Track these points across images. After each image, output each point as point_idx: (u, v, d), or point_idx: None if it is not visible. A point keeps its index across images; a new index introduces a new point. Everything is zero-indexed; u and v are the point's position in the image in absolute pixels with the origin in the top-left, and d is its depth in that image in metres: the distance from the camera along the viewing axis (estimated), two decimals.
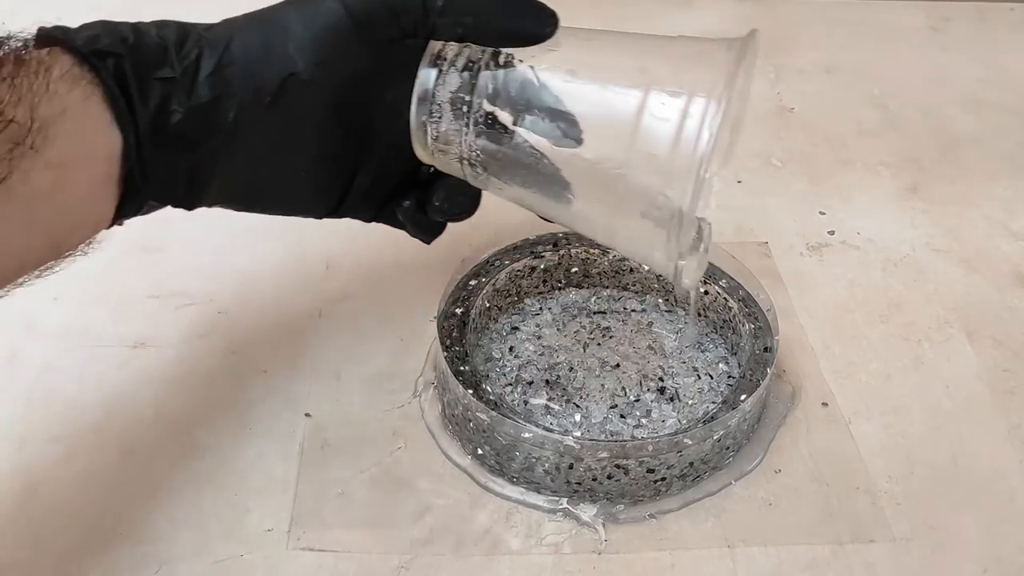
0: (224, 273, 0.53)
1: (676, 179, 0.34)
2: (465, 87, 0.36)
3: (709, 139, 0.33)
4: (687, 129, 0.33)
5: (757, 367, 0.43)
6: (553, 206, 0.38)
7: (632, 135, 0.34)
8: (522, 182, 0.37)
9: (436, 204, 0.39)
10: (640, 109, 0.34)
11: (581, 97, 0.36)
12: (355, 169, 0.37)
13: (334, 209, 0.39)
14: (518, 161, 0.37)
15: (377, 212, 0.40)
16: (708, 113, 0.33)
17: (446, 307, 0.46)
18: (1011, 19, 0.85)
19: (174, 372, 0.46)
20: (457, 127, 0.36)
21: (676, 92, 0.34)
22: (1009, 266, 0.55)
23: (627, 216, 0.36)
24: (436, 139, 0.37)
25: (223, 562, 0.38)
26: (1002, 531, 0.40)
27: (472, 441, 0.42)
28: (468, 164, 0.37)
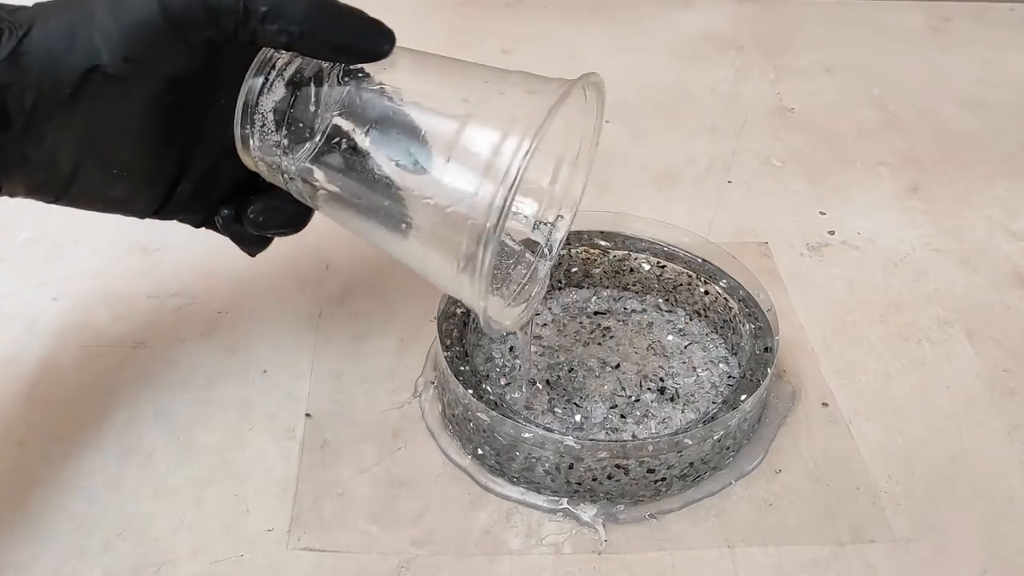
0: (224, 273, 0.53)
1: (481, 211, 0.33)
2: (289, 99, 0.35)
3: (516, 173, 0.32)
4: (496, 164, 0.32)
5: (757, 367, 0.43)
6: (382, 234, 0.37)
7: (444, 166, 0.34)
8: (343, 202, 0.36)
9: (251, 216, 0.38)
10: (454, 141, 0.33)
11: (402, 122, 0.35)
12: (179, 172, 0.36)
13: (155, 212, 0.37)
14: (338, 180, 0.35)
15: (206, 218, 0.39)
16: (520, 149, 0.32)
17: (446, 307, 0.46)
18: (1011, 19, 0.85)
19: (174, 372, 0.46)
20: (278, 139, 0.35)
21: (493, 126, 0.33)
22: (1009, 266, 0.55)
23: (441, 250, 0.35)
24: (258, 149, 0.35)
25: (223, 562, 0.38)
26: (1002, 531, 0.40)
27: (472, 441, 0.42)
28: (290, 179, 0.36)
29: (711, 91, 0.73)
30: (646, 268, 0.50)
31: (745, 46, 0.79)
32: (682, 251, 0.50)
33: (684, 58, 0.77)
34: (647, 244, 0.50)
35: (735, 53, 0.78)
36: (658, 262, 0.50)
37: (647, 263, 0.50)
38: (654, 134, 0.67)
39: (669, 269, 0.50)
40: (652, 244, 0.51)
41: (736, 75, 0.75)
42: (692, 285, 0.49)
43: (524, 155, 0.32)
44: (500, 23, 0.81)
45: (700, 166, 0.64)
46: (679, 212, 0.59)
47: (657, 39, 0.79)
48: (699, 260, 0.49)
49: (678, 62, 0.76)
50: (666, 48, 0.78)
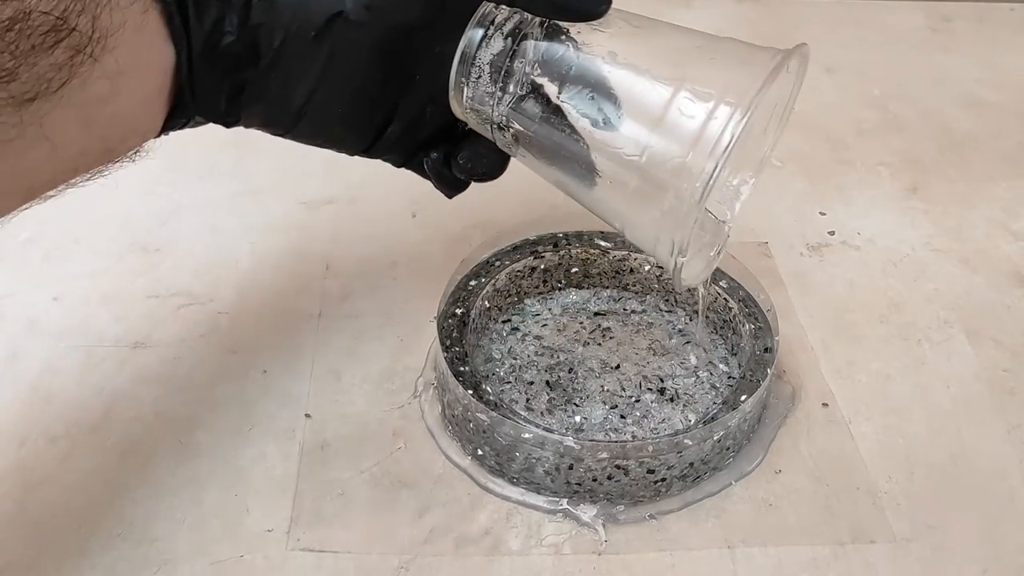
0: (224, 273, 0.53)
1: (690, 177, 0.34)
2: (507, 52, 0.36)
3: (728, 143, 0.33)
4: (709, 130, 0.33)
5: (757, 367, 0.43)
6: (574, 184, 0.38)
7: (656, 127, 0.35)
8: (548, 156, 0.38)
9: (460, 161, 0.40)
10: (668, 103, 0.34)
11: (616, 82, 0.36)
12: (392, 114, 0.38)
13: (365, 149, 0.39)
14: (547, 134, 0.37)
15: (408, 159, 0.41)
16: (732, 118, 0.33)
17: (446, 307, 0.46)
18: (1011, 19, 0.85)
19: (174, 372, 0.46)
20: (492, 91, 0.36)
21: (707, 92, 0.34)
22: (1009, 266, 0.55)
23: (640, 205, 0.36)
24: (471, 99, 0.37)
25: (223, 562, 0.38)
26: (1002, 531, 0.40)
27: (472, 442, 0.42)
28: (498, 128, 0.37)
29: None
30: (646, 268, 0.50)
31: None
32: None
33: None
34: None
35: None
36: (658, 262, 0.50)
37: (647, 263, 0.50)
38: None
39: None
40: None
41: None
42: None
43: (737, 126, 0.33)
44: None
45: None
46: None
47: None
48: None
49: None
50: None
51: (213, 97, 0.34)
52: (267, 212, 0.58)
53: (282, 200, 0.59)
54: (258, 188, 0.60)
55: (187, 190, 0.60)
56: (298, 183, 0.60)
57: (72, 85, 0.29)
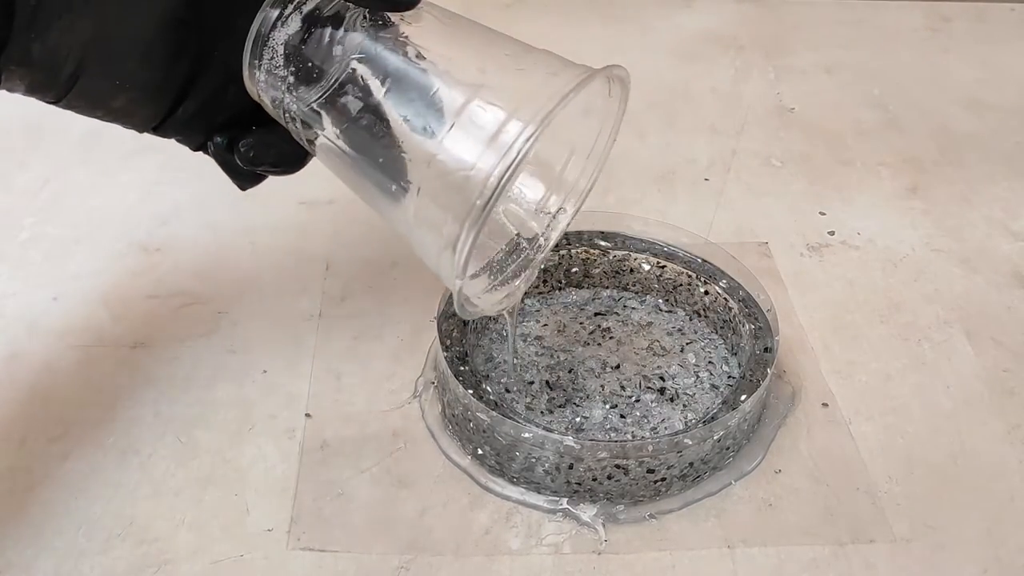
0: (224, 273, 0.53)
1: (469, 195, 0.31)
2: (302, 35, 0.33)
3: (512, 159, 0.30)
4: (495, 145, 0.31)
5: (757, 367, 0.43)
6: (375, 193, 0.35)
7: (443, 137, 0.32)
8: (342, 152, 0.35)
9: (242, 149, 0.36)
10: (459, 113, 0.32)
11: (413, 82, 0.33)
12: (184, 92, 0.35)
13: (155, 128, 0.36)
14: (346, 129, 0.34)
15: (204, 142, 0.37)
16: (522, 135, 0.30)
17: (446, 307, 0.46)
18: (1011, 19, 0.85)
19: (174, 372, 0.46)
20: (283, 76, 0.34)
21: (500, 107, 0.32)
22: (1009, 266, 0.55)
23: (426, 221, 0.34)
24: (264, 83, 0.34)
25: (223, 562, 0.38)
26: (1002, 531, 0.40)
27: (472, 441, 0.42)
28: (290, 116, 0.35)
29: (711, 91, 0.73)
30: (646, 268, 0.50)
31: (745, 46, 0.79)
32: (682, 251, 0.50)
33: (684, 58, 0.77)
34: (647, 244, 0.50)
35: (735, 53, 0.78)
36: (658, 262, 0.50)
37: (647, 263, 0.50)
38: (654, 134, 0.67)
39: (669, 269, 0.50)
40: (652, 244, 0.51)
41: (736, 75, 0.75)
42: (692, 285, 0.49)
43: (528, 137, 0.30)
44: (500, 23, 0.80)
45: (700, 166, 0.64)
46: (679, 212, 0.59)
47: (657, 39, 0.79)
48: (699, 260, 0.50)
49: (678, 62, 0.76)
50: (666, 48, 0.78)
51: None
52: (267, 212, 0.58)
53: (282, 200, 0.59)
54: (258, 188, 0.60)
55: (187, 190, 0.60)
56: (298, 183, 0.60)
57: None
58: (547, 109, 0.31)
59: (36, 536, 0.39)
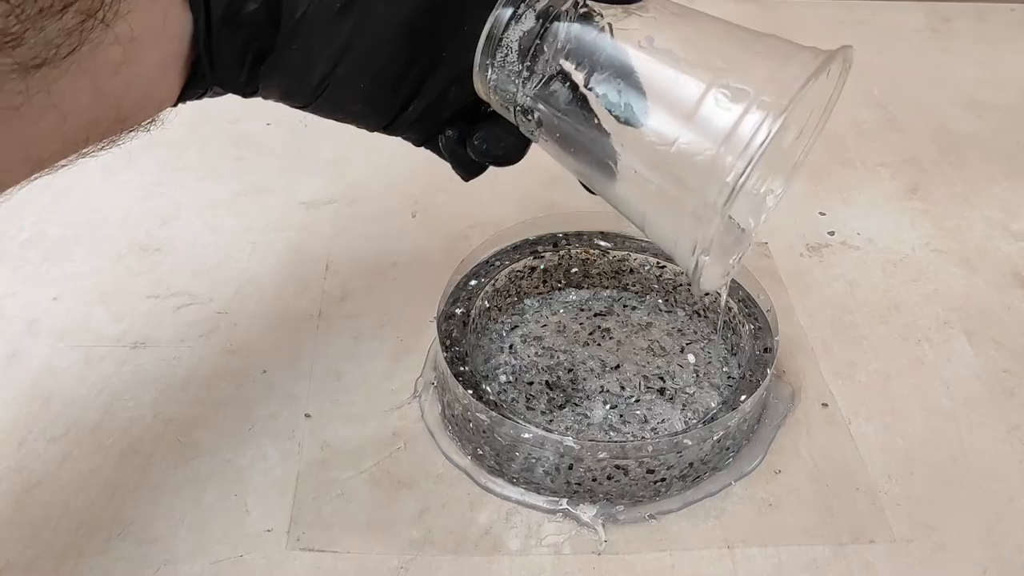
0: (224, 273, 0.53)
1: (718, 177, 0.33)
2: (536, 33, 0.35)
3: (760, 144, 0.32)
4: (740, 130, 0.32)
5: (757, 368, 0.43)
6: (595, 176, 0.37)
7: (686, 123, 0.33)
8: (570, 144, 0.36)
9: (476, 143, 0.38)
10: (701, 99, 0.33)
11: (650, 71, 0.34)
12: (414, 93, 0.37)
13: (386, 126, 0.38)
14: (570, 122, 0.36)
15: (427, 138, 0.40)
16: (766, 120, 0.32)
17: (446, 307, 0.46)
18: (1011, 19, 0.85)
19: (174, 372, 0.46)
20: (518, 72, 0.35)
21: (742, 90, 0.33)
22: (1009, 266, 0.55)
23: (662, 203, 0.35)
24: (496, 80, 0.36)
25: (222, 562, 0.38)
26: (1002, 531, 0.40)
27: (472, 441, 0.42)
28: (521, 111, 0.36)
29: None
30: (646, 268, 0.50)
31: None
32: None
33: None
34: (647, 244, 0.50)
35: None
36: (658, 262, 0.50)
37: (647, 263, 0.50)
38: None
39: (669, 269, 0.50)
40: (652, 244, 0.50)
41: None
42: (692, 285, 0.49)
43: (771, 128, 0.31)
44: None
45: None
46: None
47: None
48: None
49: None
50: None
51: (232, 66, 0.33)
52: (267, 212, 0.58)
53: (282, 200, 0.59)
54: (258, 188, 0.60)
55: (187, 190, 0.60)
56: (298, 183, 0.61)
57: (82, 51, 0.27)
58: (790, 93, 0.32)
59: (36, 536, 0.39)
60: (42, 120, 0.28)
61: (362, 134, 0.39)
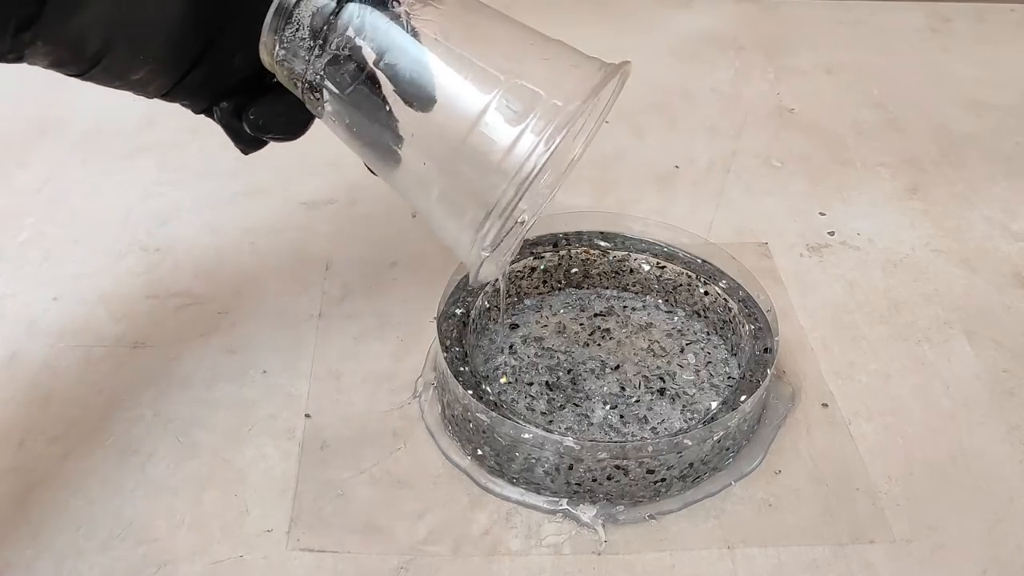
0: (224, 273, 0.53)
1: (500, 180, 0.33)
2: (331, 11, 0.34)
3: (543, 153, 0.32)
4: (525, 138, 0.33)
5: (757, 368, 0.43)
6: (379, 160, 0.37)
7: (475, 119, 0.34)
8: (355, 125, 0.36)
9: (251, 117, 0.37)
10: (492, 99, 0.33)
11: (443, 63, 0.34)
12: (197, 58, 0.36)
13: (165, 94, 0.37)
14: (358, 103, 0.35)
15: (207, 107, 0.38)
16: (551, 128, 0.32)
17: (446, 307, 0.46)
18: (1011, 19, 0.85)
19: (174, 372, 0.46)
20: (308, 47, 0.34)
21: (532, 94, 0.33)
22: (1009, 266, 0.55)
23: (445, 196, 0.35)
24: (284, 53, 0.35)
25: (222, 562, 0.38)
26: (1002, 531, 0.40)
27: (472, 442, 0.42)
28: (308, 88, 0.36)
29: (711, 91, 0.73)
30: (646, 269, 0.50)
31: (745, 46, 0.79)
32: (682, 252, 0.50)
33: (684, 58, 0.77)
34: (647, 245, 0.50)
35: (735, 53, 0.78)
36: (658, 263, 0.50)
37: (647, 264, 0.50)
38: (654, 134, 0.67)
39: (669, 270, 0.50)
40: (652, 245, 0.51)
41: (736, 75, 0.75)
42: (692, 286, 0.49)
43: (564, 126, 0.32)
44: None
45: (700, 166, 0.64)
46: (679, 212, 0.59)
47: (657, 39, 0.79)
48: (699, 261, 0.50)
49: (678, 62, 0.76)
50: (666, 48, 0.78)
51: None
52: (267, 212, 0.58)
53: (282, 200, 0.59)
54: (258, 188, 0.60)
55: (187, 190, 0.60)
56: (298, 183, 0.61)
57: None
58: (576, 102, 0.33)
59: (36, 536, 0.39)
60: None
61: None
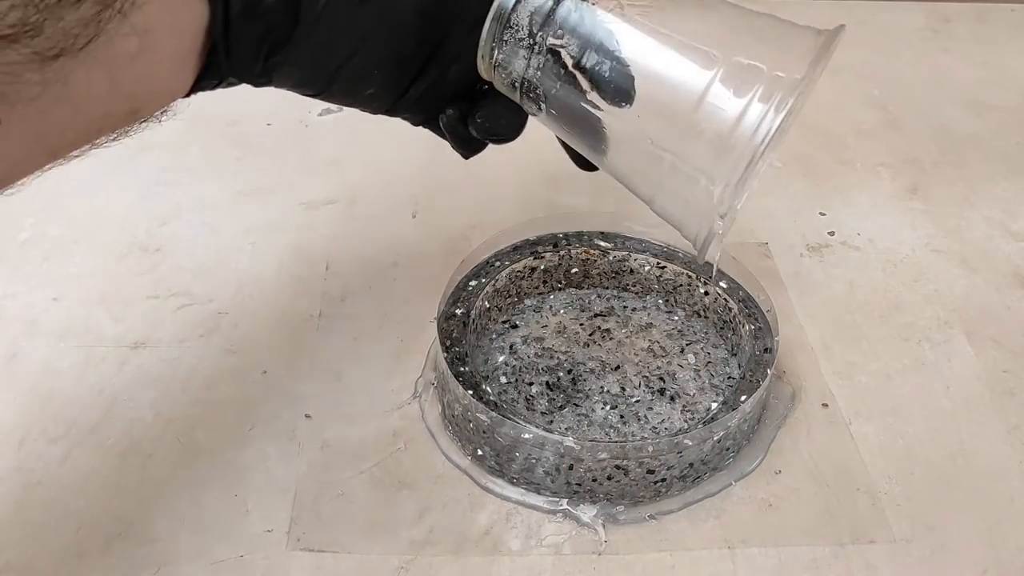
0: (224, 273, 0.53)
1: (730, 157, 0.34)
2: (544, 13, 0.35)
3: (774, 119, 0.33)
4: (751, 114, 0.34)
5: (757, 368, 0.43)
6: (593, 153, 0.38)
7: (701, 95, 0.34)
8: (567, 122, 0.37)
9: (478, 120, 0.39)
10: (711, 82, 0.34)
11: (654, 54, 0.35)
12: (418, 74, 0.38)
13: (388, 109, 0.39)
14: (568, 100, 0.36)
15: (427, 118, 0.41)
16: (779, 96, 0.33)
17: (446, 308, 0.46)
18: (1011, 20, 0.85)
19: (174, 372, 0.46)
20: (525, 50, 0.36)
21: (755, 68, 0.34)
22: (1009, 266, 0.55)
23: (675, 170, 0.36)
24: (501, 59, 0.36)
25: (223, 563, 0.38)
26: (1002, 531, 0.40)
27: (472, 442, 0.42)
28: (523, 90, 0.37)
29: None
30: (646, 269, 0.50)
31: None
32: (682, 252, 0.50)
33: None
34: (647, 245, 0.50)
35: None
36: (658, 263, 0.50)
37: (647, 264, 0.50)
38: None
39: (669, 270, 0.50)
40: (652, 245, 0.51)
41: None
42: (692, 286, 0.49)
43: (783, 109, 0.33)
44: None
45: None
46: None
47: None
48: None
49: None
50: None
51: (248, 58, 0.33)
52: (267, 212, 0.58)
53: (282, 200, 0.59)
54: (258, 188, 0.60)
55: (187, 190, 0.60)
56: (298, 183, 0.60)
57: (99, 42, 0.27)
58: (800, 74, 0.34)
59: (36, 536, 0.39)
60: (58, 111, 0.28)
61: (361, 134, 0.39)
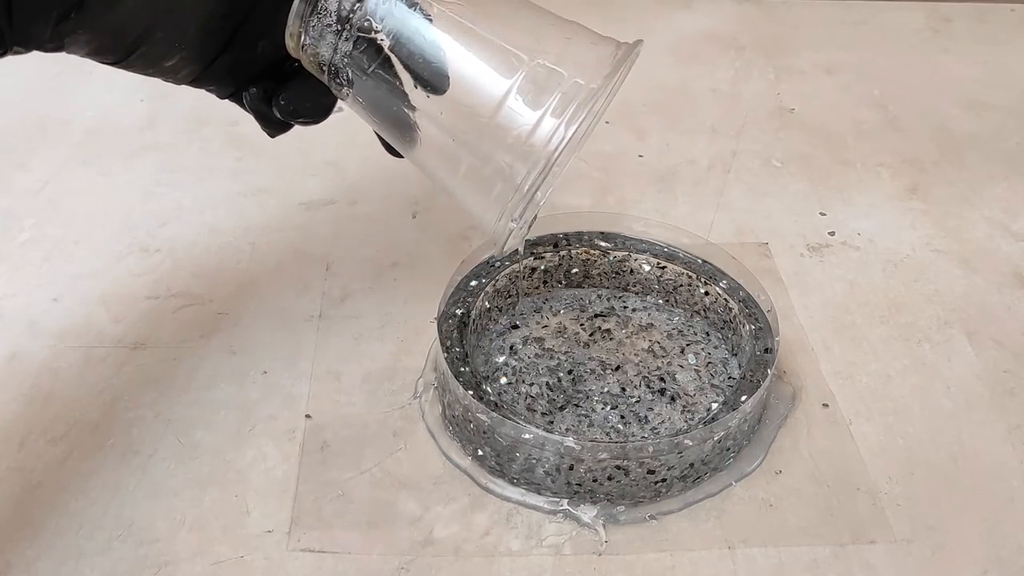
0: (224, 273, 0.53)
1: (525, 164, 0.34)
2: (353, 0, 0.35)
3: (567, 131, 0.33)
4: (549, 117, 0.34)
5: (758, 368, 0.43)
6: (402, 140, 0.38)
7: (501, 99, 0.35)
8: (378, 107, 0.37)
9: (281, 102, 0.38)
10: (516, 79, 0.34)
11: (466, 45, 0.35)
12: (225, 44, 0.37)
13: (192, 80, 0.38)
14: (379, 85, 0.36)
15: (233, 92, 0.39)
16: (574, 107, 0.34)
17: (446, 308, 0.46)
18: (1011, 20, 0.85)
19: (174, 372, 0.46)
20: (333, 35, 0.35)
21: (555, 74, 0.34)
22: (1009, 266, 0.55)
23: (472, 173, 0.36)
24: (309, 41, 0.36)
25: (223, 563, 0.38)
26: (1002, 532, 0.40)
27: (472, 442, 0.42)
28: (332, 72, 0.37)
29: (711, 91, 0.73)
30: (646, 269, 0.50)
31: (745, 46, 0.79)
32: (682, 252, 0.50)
33: (684, 58, 0.77)
34: (647, 245, 0.50)
35: (735, 53, 0.78)
36: (658, 263, 0.50)
37: (647, 264, 0.50)
38: (654, 134, 0.67)
39: (669, 270, 0.50)
40: (652, 245, 0.51)
41: (736, 75, 0.75)
42: (692, 286, 0.49)
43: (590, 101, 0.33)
44: None
45: (700, 166, 0.64)
46: (679, 213, 0.59)
47: (657, 39, 0.79)
48: (699, 261, 0.49)
49: (678, 62, 0.76)
50: (666, 48, 0.78)
51: (34, 24, 0.31)
52: (267, 212, 0.58)
53: (282, 200, 0.59)
54: (258, 188, 0.60)
55: (187, 190, 0.60)
56: (298, 183, 0.61)
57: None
58: (598, 81, 0.34)
59: (36, 536, 0.39)
60: None
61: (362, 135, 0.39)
